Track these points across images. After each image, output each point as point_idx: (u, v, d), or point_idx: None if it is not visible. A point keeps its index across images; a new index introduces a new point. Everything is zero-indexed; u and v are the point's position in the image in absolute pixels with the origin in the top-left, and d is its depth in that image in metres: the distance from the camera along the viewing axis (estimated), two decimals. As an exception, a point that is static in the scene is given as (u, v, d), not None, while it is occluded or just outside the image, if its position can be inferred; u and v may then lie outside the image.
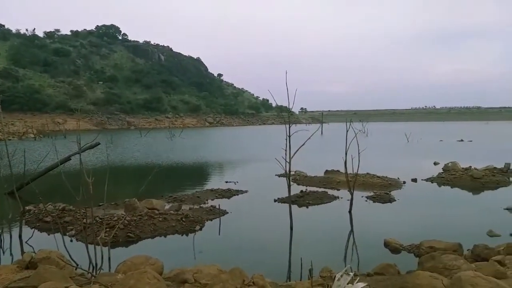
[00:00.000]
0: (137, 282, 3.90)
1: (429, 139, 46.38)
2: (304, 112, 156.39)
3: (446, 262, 6.36)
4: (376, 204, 13.53)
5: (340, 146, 13.45)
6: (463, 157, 23.90)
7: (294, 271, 7.64)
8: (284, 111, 13.36)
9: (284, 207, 11.87)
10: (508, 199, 13.39)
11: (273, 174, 18.98)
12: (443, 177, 17.79)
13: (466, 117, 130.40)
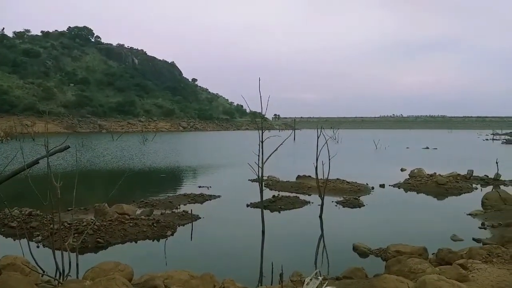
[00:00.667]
0: (105, 288, 3.85)
1: (396, 146, 47.70)
2: (277, 119, 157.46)
3: (411, 266, 6.59)
4: (345, 209, 13.82)
5: (311, 152, 13.70)
6: (428, 164, 24.70)
7: (265, 275, 7.70)
8: (258, 117, 13.48)
9: (256, 212, 11.93)
10: (471, 205, 13.96)
11: (246, 179, 19.05)
12: (409, 183, 18.35)
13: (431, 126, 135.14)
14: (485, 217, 12.17)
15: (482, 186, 18.72)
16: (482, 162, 24.66)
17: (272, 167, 18.87)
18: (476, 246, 8.08)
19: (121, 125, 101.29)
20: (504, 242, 8.70)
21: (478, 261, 6.93)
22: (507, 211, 12.51)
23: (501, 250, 7.38)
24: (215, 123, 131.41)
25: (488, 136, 76.31)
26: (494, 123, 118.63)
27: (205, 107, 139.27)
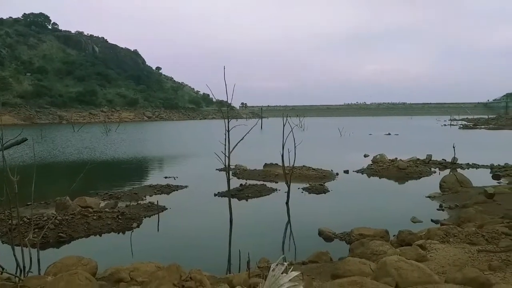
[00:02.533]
0: (67, 284, 3.76)
1: (360, 133, 48.91)
2: (244, 107, 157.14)
3: (373, 248, 6.85)
4: (311, 195, 14.10)
5: (278, 140, 13.81)
6: (390, 149, 25.51)
7: (234, 263, 7.76)
8: (224, 106, 13.41)
9: (224, 201, 11.96)
10: (430, 188, 14.63)
11: (213, 169, 18.98)
12: (372, 169, 18.94)
13: (393, 113, 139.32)
14: (443, 199, 12.79)
15: (440, 169, 19.60)
16: (440, 147, 25.72)
17: (239, 156, 18.76)
18: (434, 227, 8.48)
19: (83, 115, 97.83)
20: (460, 222, 9.20)
21: (436, 241, 7.29)
22: (463, 193, 13.19)
23: (457, 230, 7.78)
24: (181, 113, 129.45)
25: (446, 121, 79.57)
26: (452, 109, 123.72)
27: (170, 96, 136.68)
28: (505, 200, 11.14)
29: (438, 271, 5.61)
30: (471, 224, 8.59)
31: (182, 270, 4.36)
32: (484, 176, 17.27)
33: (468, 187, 14.01)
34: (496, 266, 5.51)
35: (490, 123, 69.50)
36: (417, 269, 4.92)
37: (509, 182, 15.44)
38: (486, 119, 79.21)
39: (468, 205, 10.90)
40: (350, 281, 4.42)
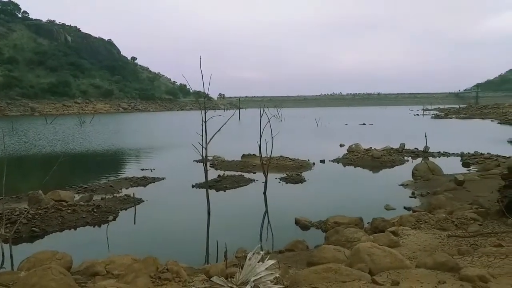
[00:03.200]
0: (40, 279, 3.70)
1: (336, 123, 49.52)
2: (222, 98, 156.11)
3: (348, 235, 7.02)
4: (288, 185, 14.26)
5: (256, 131, 13.87)
6: (365, 139, 25.98)
7: (212, 254, 7.80)
8: (202, 96, 13.33)
9: (201, 192, 11.94)
10: (403, 176, 15.03)
11: (191, 160, 18.88)
12: (347, 158, 19.29)
13: (368, 103, 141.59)
14: (415, 187, 13.18)
15: (412, 158, 20.13)
16: (413, 136, 26.30)
17: (217, 147, 18.83)
18: (407, 214, 8.76)
19: (56, 107, 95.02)
20: (431, 209, 9.51)
21: (408, 228, 7.54)
22: (434, 180, 13.61)
23: (428, 217, 8.06)
24: (158, 104, 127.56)
25: (419, 111, 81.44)
26: (424, 99, 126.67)
27: (146, 87, 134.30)
28: (474, 187, 11.57)
29: (409, 256, 5.80)
30: (442, 211, 8.90)
31: (158, 262, 4.36)
32: (454, 164, 17.86)
33: (439, 174, 14.46)
34: (465, 250, 5.74)
35: (461, 112, 71.57)
36: (389, 254, 5.07)
37: (478, 169, 16.01)
38: (457, 109, 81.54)
39: (439, 192, 11.27)
40: (325, 268, 4.52)
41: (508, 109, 60.74)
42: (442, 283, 4.21)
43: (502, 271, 4.74)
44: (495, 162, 16.37)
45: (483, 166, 16.21)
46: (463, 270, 4.41)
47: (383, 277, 4.53)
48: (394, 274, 4.62)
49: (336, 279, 4.26)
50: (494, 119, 51.55)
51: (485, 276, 4.15)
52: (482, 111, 67.35)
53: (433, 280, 4.35)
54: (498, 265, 4.96)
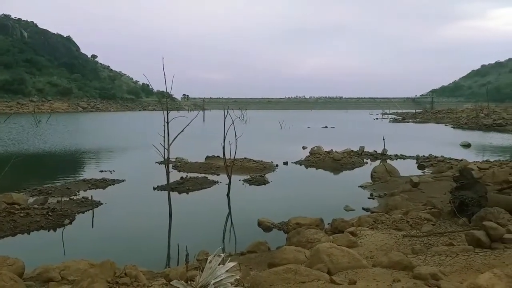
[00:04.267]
0: (-12, 286, 3.51)
1: (299, 125, 50.22)
2: (186, 99, 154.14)
3: (308, 236, 7.13)
4: (252, 186, 14.34)
5: (221, 132, 13.82)
6: (326, 141, 26.39)
7: (173, 257, 7.70)
8: (165, 97, 13.15)
9: (163, 194, 11.76)
10: (362, 178, 15.51)
11: (153, 162, 18.53)
12: (309, 160, 19.65)
13: (330, 106, 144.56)
14: (373, 188, 13.63)
15: (371, 160, 20.79)
16: (372, 139, 27.12)
17: (180, 149, 18.61)
18: (365, 215, 9.03)
19: (9, 105, 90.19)
20: (388, 209, 9.87)
21: (366, 228, 7.77)
22: (391, 182, 14.13)
23: (385, 217, 8.36)
24: (119, 103, 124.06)
25: (378, 115, 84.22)
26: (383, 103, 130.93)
27: (107, 86, 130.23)
28: (428, 188, 12.13)
29: (366, 256, 5.98)
30: (398, 211, 9.26)
31: (116, 266, 4.26)
32: (410, 166, 18.61)
33: (396, 176, 15.02)
34: (418, 249, 5.99)
35: (417, 117, 74.58)
36: (347, 254, 5.21)
37: (433, 171, 16.78)
38: (414, 113, 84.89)
39: (396, 194, 11.71)
40: (285, 269, 4.58)
41: (461, 114, 63.99)
42: (397, 282, 4.38)
43: (452, 269, 5.00)
44: (448, 165, 17.22)
45: (437, 169, 17.01)
46: (416, 269, 4.60)
47: (341, 277, 4.65)
48: (352, 274, 4.75)
49: (295, 280, 4.33)
50: (448, 124, 54.09)
51: (437, 274, 4.35)
52: (437, 116, 70.53)
53: (388, 279, 4.52)
54: (449, 263, 5.22)
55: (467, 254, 5.43)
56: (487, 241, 5.69)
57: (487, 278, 4.15)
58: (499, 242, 5.68)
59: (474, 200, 7.75)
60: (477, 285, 4.09)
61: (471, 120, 51.62)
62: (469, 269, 4.97)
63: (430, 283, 4.18)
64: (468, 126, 47.25)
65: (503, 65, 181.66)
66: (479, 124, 46.79)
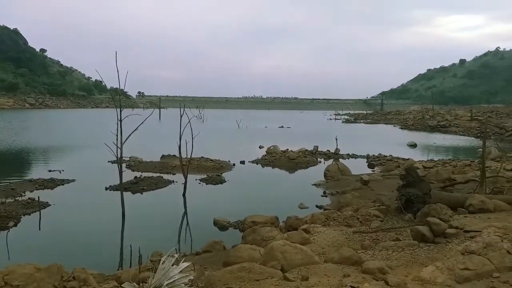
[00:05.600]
0: None
1: (256, 125, 50.55)
2: (141, 97, 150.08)
3: (263, 234, 7.22)
4: (208, 186, 14.29)
5: (177, 131, 13.64)
6: (282, 141, 26.85)
7: (125, 259, 7.53)
8: (119, 94, 12.80)
9: (116, 194, 11.43)
10: (316, 176, 15.92)
11: (105, 161, 17.91)
12: (266, 159, 19.91)
13: (286, 107, 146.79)
14: (326, 187, 14.04)
15: (325, 159, 21.37)
16: (325, 139, 27.79)
17: (135, 147, 18.20)
18: (318, 212, 9.30)
19: None
20: (340, 207, 10.20)
21: (319, 225, 7.99)
22: (343, 180, 14.62)
23: (337, 214, 8.63)
24: (70, 100, 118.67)
25: (332, 116, 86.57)
26: (336, 104, 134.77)
27: (57, 82, 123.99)
28: (377, 186, 12.68)
29: (319, 252, 6.16)
30: (349, 208, 9.59)
31: (64, 270, 4.10)
32: (361, 165, 19.37)
33: (348, 175, 15.56)
34: (367, 245, 6.25)
35: (368, 118, 77.50)
36: (300, 251, 5.33)
37: (382, 170, 17.54)
38: (365, 114, 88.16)
39: (347, 191, 12.14)
40: (239, 267, 4.62)
41: (408, 116, 67.25)
42: (347, 276, 4.54)
43: (398, 263, 5.26)
44: (395, 164, 18.09)
45: (385, 167, 17.81)
46: (365, 264, 4.79)
47: (294, 274, 4.76)
48: (304, 270, 4.87)
49: (250, 278, 4.38)
50: (396, 125, 56.61)
51: (384, 268, 4.55)
52: (386, 117, 73.61)
53: (339, 274, 4.68)
54: (396, 257, 5.48)
55: (412, 248, 5.72)
56: (430, 236, 6.02)
57: (430, 271, 4.42)
58: (442, 237, 6.04)
59: (419, 197, 8.20)
60: (421, 278, 4.34)
61: (417, 122, 54.13)
62: (414, 263, 5.23)
63: (377, 277, 4.36)
64: (415, 127, 49.60)
65: (447, 70, 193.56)
66: (425, 125, 49.16)
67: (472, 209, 7.76)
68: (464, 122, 48.35)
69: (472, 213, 7.63)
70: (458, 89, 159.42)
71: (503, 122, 43.72)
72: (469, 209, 7.80)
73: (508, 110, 63.31)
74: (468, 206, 7.88)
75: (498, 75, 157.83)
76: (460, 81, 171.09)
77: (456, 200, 8.46)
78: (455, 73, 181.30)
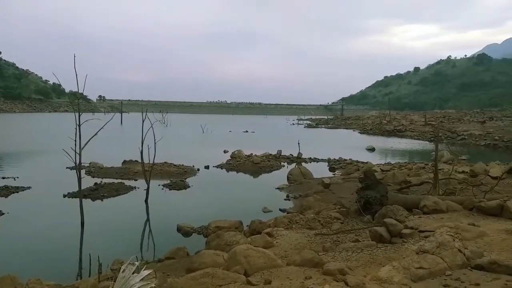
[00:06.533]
0: None
1: (221, 130, 50.43)
2: (102, 101, 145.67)
3: (227, 239, 7.24)
4: (172, 191, 14.10)
5: (140, 136, 13.37)
6: (247, 145, 27.01)
7: (85, 268, 7.30)
8: (78, 98, 12.42)
9: (75, 202, 11.05)
10: (279, 180, 16.11)
11: (63, 167, 17.25)
12: (230, 164, 19.93)
13: (251, 112, 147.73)
14: (289, 190, 14.25)
15: (288, 163, 21.69)
16: (288, 143, 28.12)
17: (95, 153, 17.67)
18: (281, 216, 9.40)
19: None
20: (302, 210, 10.39)
21: (282, 228, 8.09)
22: (306, 183, 14.89)
23: (299, 217, 8.78)
24: (26, 104, 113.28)
25: (294, 121, 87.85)
26: (299, 110, 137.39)
27: (12, 85, 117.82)
28: (338, 189, 13.01)
29: (282, 255, 6.25)
30: (311, 211, 9.79)
31: (18, 281, 3.94)
32: (323, 169, 19.81)
33: (310, 178, 15.86)
34: (328, 247, 6.41)
35: (329, 123, 79.41)
36: (263, 255, 5.40)
37: (342, 173, 18.01)
38: (326, 120, 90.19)
39: (309, 195, 12.38)
40: (202, 273, 4.62)
41: (367, 121, 69.48)
42: (309, 278, 4.64)
43: (358, 264, 5.43)
44: (355, 167, 18.66)
45: (345, 171, 18.31)
46: (326, 265, 4.91)
47: (257, 277, 4.82)
48: (267, 274, 4.94)
49: (213, 284, 4.39)
50: (356, 129, 58.28)
51: (344, 269, 4.68)
52: (346, 122, 75.65)
53: (300, 276, 4.77)
54: (355, 258, 5.65)
55: (371, 249, 5.92)
56: (387, 236, 6.27)
57: (387, 270, 4.59)
58: (398, 237, 6.29)
59: (377, 199, 8.51)
60: (379, 277, 4.50)
61: (375, 126, 56.09)
62: (372, 263, 5.41)
63: (338, 278, 4.48)
64: (373, 132, 51.40)
65: (403, 77, 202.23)
66: (382, 130, 51.05)
67: (426, 210, 8.13)
68: (419, 127, 50.56)
69: (426, 214, 7.99)
70: (413, 96, 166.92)
71: (454, 127, 46.13)
72: (424, 210, 8.17)
73: (459, 115, 67.01)
74: (423, 207, 8.25)
75: (450, 82, 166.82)
76: (415, 88, 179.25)
77: (411, 201, 8.83)
78: (410, 80, 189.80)
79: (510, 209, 7.13)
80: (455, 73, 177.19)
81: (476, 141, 35.73)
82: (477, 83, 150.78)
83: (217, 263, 5.65)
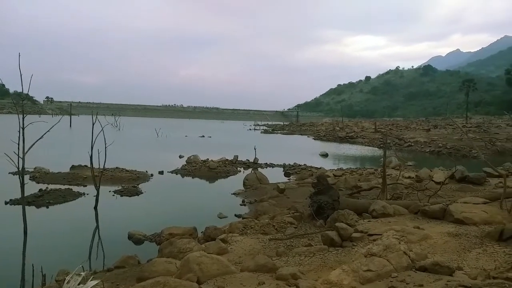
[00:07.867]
0: None
1: (176, 134, 49.65)
2: (50, 102, 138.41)
3: (180, 246, 7.11)
4: (123, 198, 13.65)
5: (90, 139, 12.85)
6: (203, 150, 26.70)
7: (28, 280, 6.87)
8: (22, 98, 11.78)
9: (17, 209, 10.39)
10: (235, 185, 16.11)
11: (5, 172, 16.19)
12: (186, 169, 19.63)
13: (207, 116, 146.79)
14: (245, 195, 14.27)
15: (244, 168, 21.73)
16: (245, 148, 28.22)
17: (41, 157, 16.78)
18: (236, 221, 9.40)
19: None
20: (257, 215, 10.44)
21: (237, 234, 8.09)
22: (261, 189, 14.99)
23: (254, 223, 8.81)
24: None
25: (251, 126, 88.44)
26: (256, 115, 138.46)
27: None
28: (292, 194, 13.22)
29: (236, 262, 6.23)
30: (266, 216, 9.86)
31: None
32: (278, 174, 20.00)
33: (266, 183, 15.99)
34: (282, 251, 6.48)
35: (285, 129, 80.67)
36: (216, 262, 5.34)
37: (297, 178, 18.32)
38: (282, 125, 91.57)
39: (264, 200, 12.47)
40: (153, 282, 4.50)
41: (321, 127, 71.48)
42: (262, 284, 4.64)
43: (310, 268, 5.53)
44: (309, 172, 19.06)
45: (300, 176, 18.66)
46: (279, 270, 4.94)
47: (210, 285, 4.76)
48: (221, 281, 4.90)
49: (164, 292, 4.29)
50: (310, 135, 59.61)
51: (296, 274, 4.73)
52: (301, 128, 77.25)
53: (254, 282, 4.77)
54: (308, 262, 5.76)
55: (323, 253, 6.06)
56: (338, 240, 6.44)
57: (337, 274, 4.71)
58: (348, 241, 6.49)
59: (329, 203, 8.73)
60: (329, 281, 4.61)
61: (329, 133, 57.81)
62: (324, 266, 5.53)
63: (290, 283, 4.53)
64: (326, 138, 52.87)
65: (354, 86, 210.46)
66: (335, 136, 52.74)
67: (375, 214, 8.44)
68: (369, 133, 52.71)
69: (375, 218, 8.29)
70: (364, 104, 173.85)
71: (402, 134, 48.55)
72: (373, 214, 8.48)
73: (407, 123, 70.62)
74: (372, 211, 8.56)
75: (398, 92, 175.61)
76: (366, 96, 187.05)
77: (361, 206, 9.15)
78: (362, 89, 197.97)
79: (452, 213, 7.55)
80: (403, 83, 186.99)
81: (422, 148, 37.70)
82: (423, 93, 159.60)
83: (169, 271, 5.52)
